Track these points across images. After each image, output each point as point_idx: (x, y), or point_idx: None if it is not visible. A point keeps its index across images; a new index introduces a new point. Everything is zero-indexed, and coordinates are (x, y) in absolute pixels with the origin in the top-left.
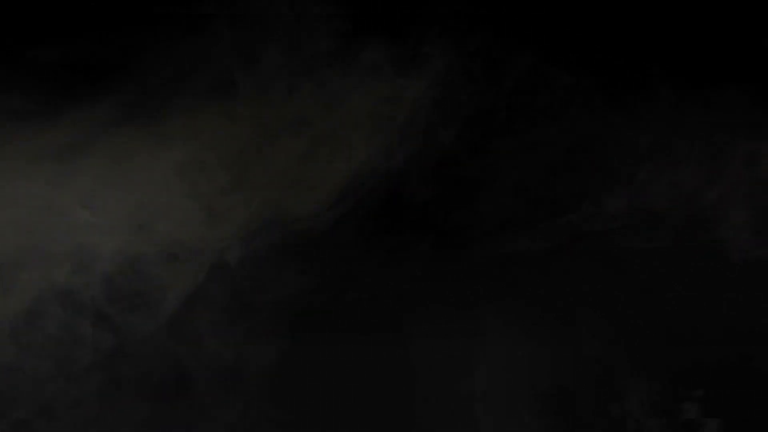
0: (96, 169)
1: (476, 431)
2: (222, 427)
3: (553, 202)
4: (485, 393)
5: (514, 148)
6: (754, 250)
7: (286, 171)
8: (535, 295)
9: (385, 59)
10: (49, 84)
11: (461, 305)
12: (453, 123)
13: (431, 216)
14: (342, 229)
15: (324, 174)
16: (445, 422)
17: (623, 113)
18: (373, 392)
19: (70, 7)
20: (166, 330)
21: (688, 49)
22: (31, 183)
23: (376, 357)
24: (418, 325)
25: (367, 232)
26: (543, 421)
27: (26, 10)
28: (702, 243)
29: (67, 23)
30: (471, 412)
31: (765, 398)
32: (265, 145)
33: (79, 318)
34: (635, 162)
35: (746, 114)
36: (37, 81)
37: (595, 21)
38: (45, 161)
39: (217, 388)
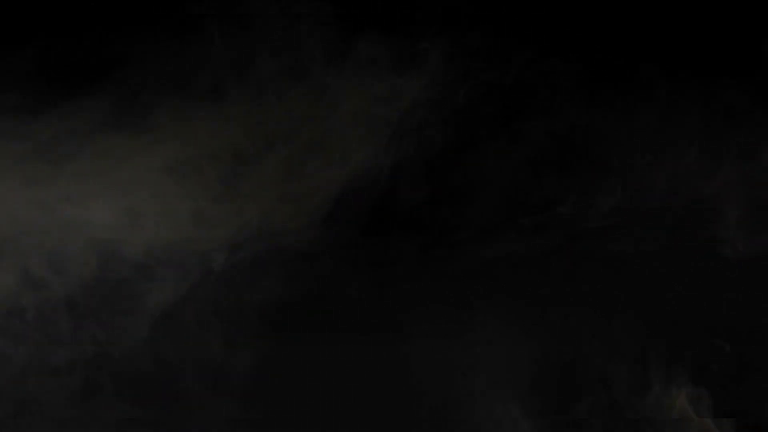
0: (84, 168)
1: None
2: (213, 428)
3: (551, 201)
4: (484, 393)
5: (510, 148)
6: (753, 248)
7: (279, 177)
8: (534, 295)
9: (382, 58)
10: (39, 83)
11: (459, 306)
12: (448, 122)
13: (427, 217)
14: (336, 232)
15: (317, 180)
16: (443, 422)
17: (620, 112)
18: (370, 393)
19: (62, 6)
20: (149, 332)
21: (683, 46)
22: (17, 180)
23: (374, 357)
24: (417, 326)
25: (362, 234)
26: (542, 421)
27: (19, 7)
28: (700, 242)
29: (58, 22)
30: (470, 412)
31: (763, 397)
32: (257, 150)
33: (60, 317)
34: (632, 160)
35: (744, 110)
36: (26, 79)
37: (592, 18)
38: (32, 159)
39: (204, 390)
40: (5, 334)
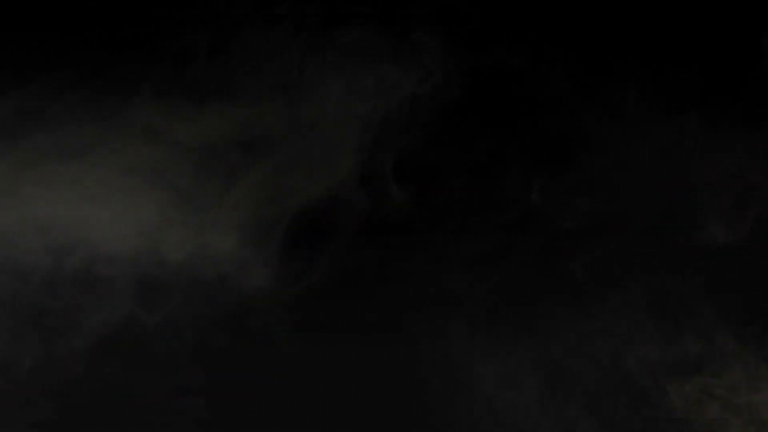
0: (46, 162)
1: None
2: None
3: (538, 199)
4: (485, 394)
5: (498, 146)
6: (733, 239)
7: (257, 192)
8: (534, 294)
9: (374, 53)
10: (8, 72)
11: (458, 306)
12: (435, 119)
13: (412, 217)
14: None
15: (300, 197)
16: (445, 422)
17: (603, 111)
18: (371, 394)
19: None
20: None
21: (677, 43)
22: None
23: (372, 358)
24: (418, 326)
25: (355, 236)
26: (543, 420)
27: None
28: (684, 234)
29: (40, 17)
30: (471, 412)
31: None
32: (238, 157)
33: (10, 319)
34: (620, 158)
35: (733, 106)
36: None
37: (586, 15)
38: None
39: (193, 391)
40: None
